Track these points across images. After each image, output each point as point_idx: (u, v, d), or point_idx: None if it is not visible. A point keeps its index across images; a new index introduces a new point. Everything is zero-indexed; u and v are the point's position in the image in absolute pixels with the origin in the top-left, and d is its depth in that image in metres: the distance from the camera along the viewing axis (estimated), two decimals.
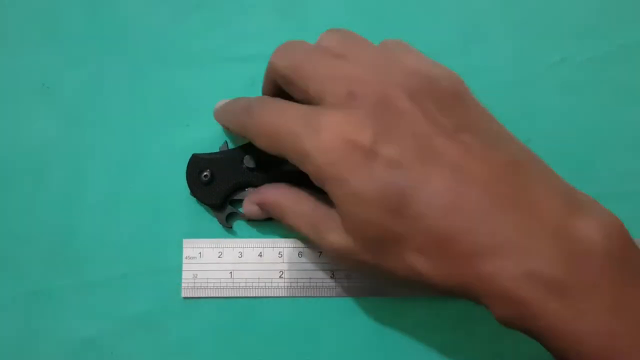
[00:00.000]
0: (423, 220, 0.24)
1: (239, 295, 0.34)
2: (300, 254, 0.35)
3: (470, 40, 0.37)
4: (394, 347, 0.34)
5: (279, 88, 0.31)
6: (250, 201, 0.33)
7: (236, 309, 0.34)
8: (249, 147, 0.34)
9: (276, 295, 0.34)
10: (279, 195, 0.32)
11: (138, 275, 0.35)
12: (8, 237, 0.35)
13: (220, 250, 0.35)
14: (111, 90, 0.37)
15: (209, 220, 0.35)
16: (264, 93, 0.33)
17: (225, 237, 0.35)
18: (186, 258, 0.35)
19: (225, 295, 0.34)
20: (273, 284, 0.34)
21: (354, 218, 0.26)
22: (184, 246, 0.35)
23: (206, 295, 0.34)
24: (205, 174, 0.34)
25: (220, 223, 0.35)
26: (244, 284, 0.34)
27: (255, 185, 0.34)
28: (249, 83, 0.37)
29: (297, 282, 0.34)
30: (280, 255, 0.35)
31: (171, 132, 0.36)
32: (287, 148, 0.27)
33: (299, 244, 0.35)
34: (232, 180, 0.34)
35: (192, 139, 0.36)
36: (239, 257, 0.35)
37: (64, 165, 0.36)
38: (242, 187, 0.35)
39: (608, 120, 0.37)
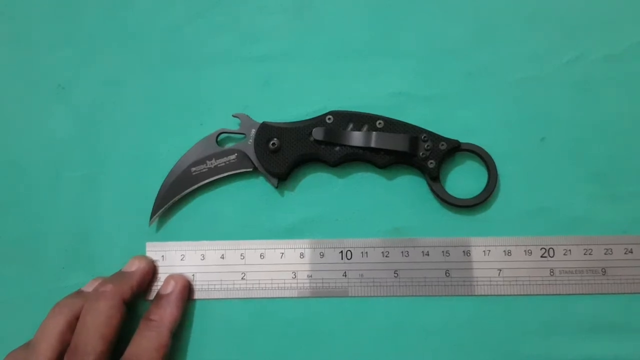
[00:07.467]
0: None
1: (200, 298, 0.35)
2: (262, 256, 0.35)
3: (485, 38, 0.37)
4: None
5: None
6: None
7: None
8: (318, 121, 0.34)
9: (237, 297, 0.34)
10: None
11: None
12: (25, 236, 0.36)
13: (183, 253, 0.35)
14: (126, 90, 0.37)
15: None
16: None
17: (187, 239, 0.35)
18: None
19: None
20: (235, 286, 0.35)
21: None
22: (147, 249, 0.35)
23: None
24: (273, 142, 0.34)
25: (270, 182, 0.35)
26: (206, 286, 0.35)
27: (321, 158, 0.34)
28: (262, 82, 0.37)
29: (258, 284, 0.35)
30: (242, 257, 0.35)
31: (185, 131, 0.36)
32: None
33: (260, 245, 0.35)
34: (299, 151, 0.34)
35: None
36: (202, 259, 0.35)
37: (79, 164, 0.37)
38: (308, 159, 0.35)
39: (623, 118, 0.36)
